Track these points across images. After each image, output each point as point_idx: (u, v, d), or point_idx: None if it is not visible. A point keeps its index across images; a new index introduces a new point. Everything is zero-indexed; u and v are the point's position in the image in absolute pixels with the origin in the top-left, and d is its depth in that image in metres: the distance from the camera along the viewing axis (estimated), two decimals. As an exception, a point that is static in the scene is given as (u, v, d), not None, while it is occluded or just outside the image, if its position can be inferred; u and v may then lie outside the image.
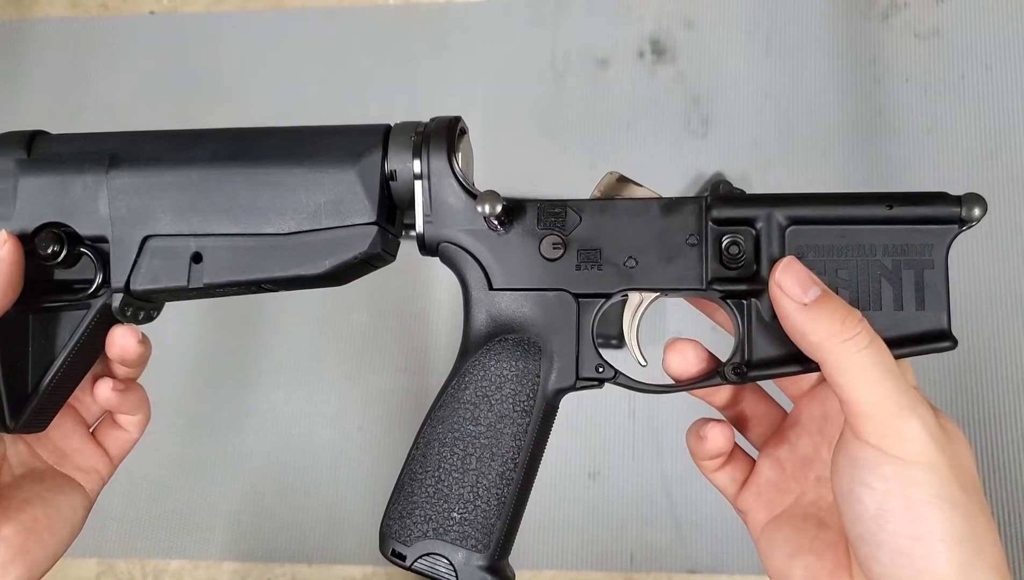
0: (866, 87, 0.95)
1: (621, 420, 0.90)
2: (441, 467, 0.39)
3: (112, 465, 0.44)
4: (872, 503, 0.33)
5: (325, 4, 1.05)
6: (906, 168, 0.93)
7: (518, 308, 0.39)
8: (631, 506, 0.88)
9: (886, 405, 0.32)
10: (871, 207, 0.36)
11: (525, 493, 0.40)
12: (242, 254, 0.39)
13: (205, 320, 0.98)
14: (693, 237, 0.38)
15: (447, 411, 0.39)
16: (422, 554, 0.38)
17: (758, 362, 0.38)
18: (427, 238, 0.40)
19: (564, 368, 0.40)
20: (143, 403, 0.44)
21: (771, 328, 0.37)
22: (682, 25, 0.99)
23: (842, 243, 0.37)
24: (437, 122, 0.40)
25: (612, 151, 0.96)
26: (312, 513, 0.91)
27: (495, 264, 0.39)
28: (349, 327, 0.95)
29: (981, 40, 0.95)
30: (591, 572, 0.87)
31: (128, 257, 0.39)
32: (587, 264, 0.39)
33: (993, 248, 0.90)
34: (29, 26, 1.08)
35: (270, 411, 0.95)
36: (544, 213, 0.39)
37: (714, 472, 0.42)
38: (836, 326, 0.33)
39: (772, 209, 0.37)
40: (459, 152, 0.40)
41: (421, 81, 1.01)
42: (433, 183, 0.39)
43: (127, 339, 0.40)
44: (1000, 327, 0.88)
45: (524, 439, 0.39)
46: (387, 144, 0.39)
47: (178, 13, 1.07)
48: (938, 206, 0.36)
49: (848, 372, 0.33)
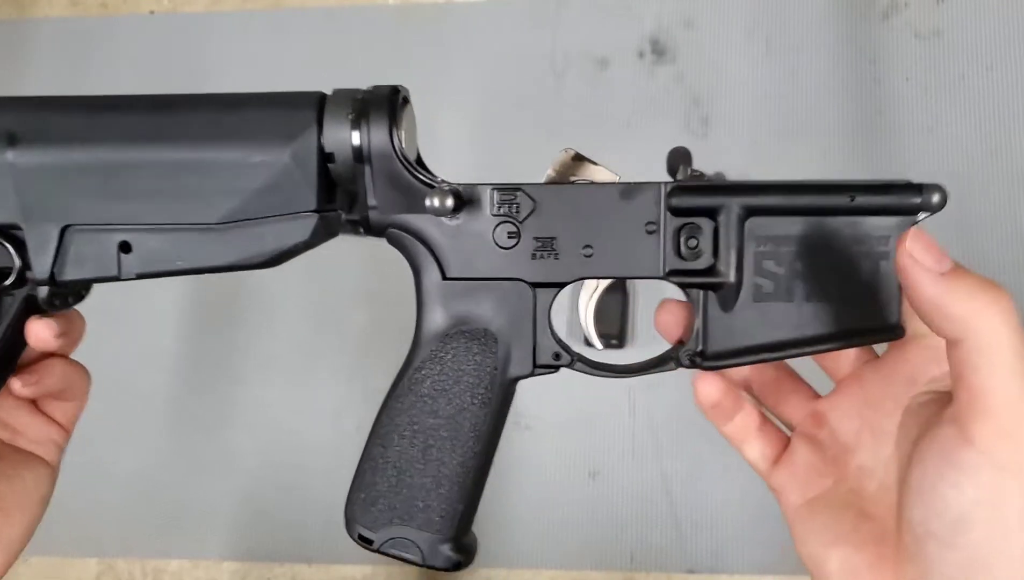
0: (866, 87, 0.95)
1: (621, 420, 0.90)
2: (402, 458, 0.39)
3: (66, 433, 0.44)
4: (957, 506, 0.30)
5: (325, 4, 1.05)
6: (906, 168, 0.92)
7: (473, 298, 0.38)
8: (631, 506, 0.88)
9: (1017, 405, 0.29)
10: (833, 197, 0.36)
11: (484, 474, 0.40)
12: (173, 243, 0.36)
13: (205, 319, 0.98)
14: (651, 225, 0.37)
15: (405, 403, 0.39)
16: (388, 538, 0.39)
17: (712, 354, 0.37)
18: (372, 222, 0.38)
19: (521, 357, 0.39)
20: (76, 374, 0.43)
21: (726, 321, 0.37)
22: (682, 25, 0.99)
23: (802, 233, 0.36)
24: (376, 94, 0.37)
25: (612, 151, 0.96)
26: (312, 513, 0.91)
27: (448, 253, 0.38)
28: (348, 326, 0.95)
29: (981, 40, 0.95)
30: (591, 572, 0.87)
31: (48, 247, 0.36)
32: (543, 252, 0.38)
33: (993, 247, 0.90)
34: (29, 26, 1.08)
35: (269, 411, 0.94)
36: (497, 199, 0.37)
37: (743, 445, 0.41)
38: (985, 295, 0.29)
39: (731, 198, 0.36)
40: (402, 127, 0.37)
41: (421, 81, 1.01)
42: (376, 166, 0.37)
43: (43, 333, 0.38)
44: (1000, 327, 0.88)
45: (483, 428, 0.39)
46: (322, 121, 0.36)
47: (178, 13, 1.07)
48: (899, 195, 0.36)
49: (991, 352, 0.29)
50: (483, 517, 0.98)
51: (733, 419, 0.40)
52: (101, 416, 0.97)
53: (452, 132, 0.98)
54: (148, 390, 0.96)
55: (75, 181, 0.36)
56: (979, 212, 0.91)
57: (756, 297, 0.37)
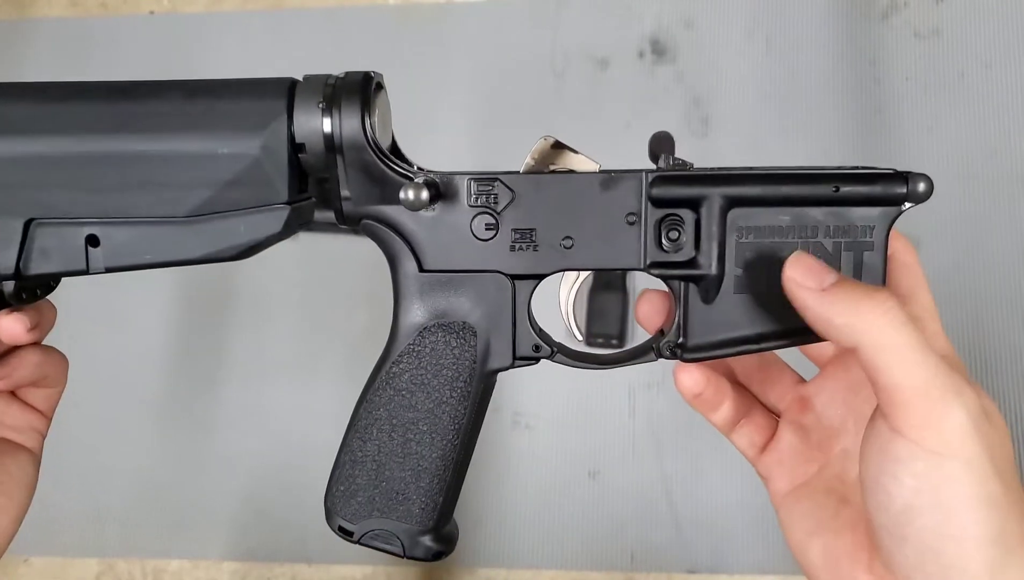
0: (866, 86, 0.95)
1: (621, 419, 0.90)
2: (381, 451, 0.39)
3: (46, 419, 0.43)
4: (900, 497, 0.31)
5: (325, 4, 1.05)
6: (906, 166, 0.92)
7: (451, 291, 0.38)
8: (631, 506, 0.88)
9: (928, 392, 0.30)
10: (817, 187, 0.35)
11: (464, 466, 0.40)
12: (141, 237, 0.35)
13: (205, 320, 0.98)
14: (632, 216, 0.36)
15: (383, 397, 0.39)
16: (369, 530, 0.39)
17: (693, 346, 0.37)
18: (346, 213, 0.37)
19: (501, 349, 0.38)
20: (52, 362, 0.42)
21: (707, 313, 0.37)
22: (682, 25, 0.99)
23: (785, 224, 0.35)
24: (348, 80, 0.36)
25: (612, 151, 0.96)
26: (312, 513, 0.91)
27: (425, 244, 0.37)
28: (349, 326, 0.95)
29: (981, 40, 0.95)
30: (591, 572, 0.87)
31: (12, 242, 0.35)
32: (522, 244, 0.37)
33: (994, 247, 0.89)
34: (29, 26, 1.08)
35: (270, 411, 0.94)
36: (475, 189, 0.37)
37: (732, 433, 0.41)
38: (865, 304, 0.31)
39: (713, 189, 0.35)
40: (375, 114, 0.36)
41: (421, 81, 1.01)
42: (348, 156, 0.35)
43: (14, 328, 0.37)
44: (1000, 326, 0.88)
45: (462, 421, 0.39)
46: (292, 109, 0.35)
47: (178, 13, 1.07)
48: (884, 185, 0.35)
49: (887, 351, 0.30)
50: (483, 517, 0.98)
51: (719, 409, 0.40)
52: (101, 416, 0.98)
53: (452, 132, 0.98)
54: (148, 391, 0.96)
55: (38, 174, 0.35)
56: (979, 212, 0.91)
57: (738, 289, 0.36)
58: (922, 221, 0.90)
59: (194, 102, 0.35)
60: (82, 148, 0.35)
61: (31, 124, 0.35)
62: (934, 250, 0.90)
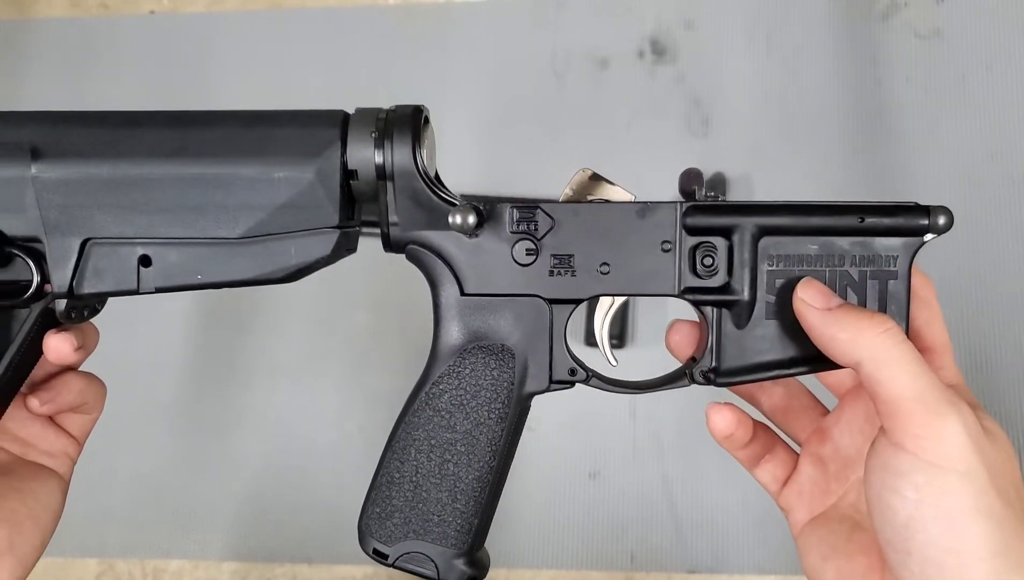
0: (866, 87, 0.95)
1: (621, 421, 0.90)
2: (419, 473, 0.39)
3: (78, 445, 0.44)
4: (903, 511, 0.32)
5: (325, 4, 1.05)
6: (906, 168, 0.93)
7: (491, 314, 0.39)
8: (631, 507, 0.88)
9: (925, 402, 0.31)
10: (843, 218, 0.37)
11: (499, 488, 0.41)
12: (193, 258, 0.36)
13: (206, 321, 0.98)
14: (667, 243, 0.38)
15: (422, 418, 0.39)
16: (403, 553, 0.40)
17: (726, 370, 0.38)
18: (393, 239, 0.38)
19: (537, 373, 0.39)
20: (93, 389, 0.43)
21: (739, 338, 0.38)
22: (682, 25, 0.99)
23: (813, 253, 0.37)
24: (399, 113, 0.37)
25: (612, 151, 0.96)
26: (313, 514, 0.91)
27: (467, 269, 0.38)
28: (351, 328, 0.95)
29: (981, 40, 0.95)
30: (591, 572, 0.87)
31: (68, 260, 0.36)
32: (560, 269, 0.38)
33: (994, 248, 0.90)
34: (29, 26, 1.08)
35: (271, 412, 0.94)
36: (516, 216, 0.38)
37: (755, 469, 0.42)
38: (865, 321, 0.33)
39: (745, 219, 0.37)
40: (424, 146, 0.37)
41: (421, 81, 1.01)
42: (398, 183, 0.37)
43: (62, 347, 0.38)
44: (1000, 328, 0.88)
45: (499, 443, 0.40)
46: (346, 139, 0.36)
47: (178, 13, 1.07)
48: (907, 217, 0.37)
49: (888, 365, 0.32)
50: (483, 517, 0.96)
51: (746, 447, 0.41)
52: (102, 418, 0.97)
53: (452, 132, 0.98)
54: (149, 392, 0.96)
55: (97, 195, 0.36)
56: (979, 213, 0.91)
57: (769, 314, 0.38)
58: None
59: (251, 129, 0.37)
60: (143, 171, 0.36)
61: (93, 148, 0.36)
62: (934, 252, 0.89)
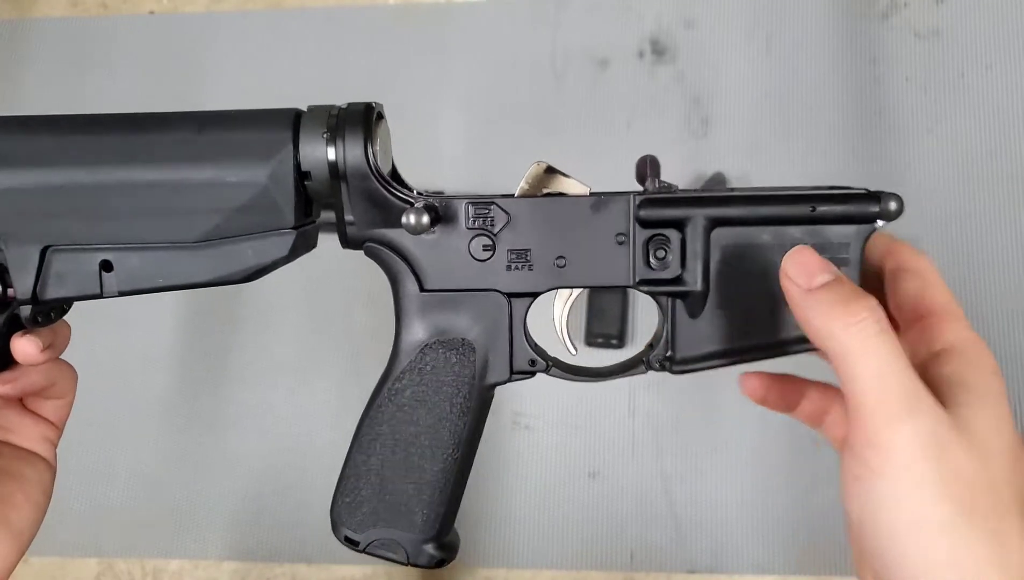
0: (866, 87, 0.95)
1: (621, 419, 0.90)
2: (384, 466, 0.40)
3: (57, 429, 0.44)
4: (854, 515, 0.31)
5: (325, 4, 1.05)
6: (906, 168, 0.93)
7: (451, 309, 0.39)
8: (631, 506, 0.88)
9: (881, 408, 0.29)
10: (795, 207, 0.37)
11: (464, 477, 0.41)
12: (153, 262, 0.37)
13: (206, 320, 0.98)
14: (621, 236, 0.38)
15: (386, 413, 0.40)
16: (374, 539, 0.41)
17: (681, 359, 0.39)
18: (350, 237, 0.39)
19: (498, 364, 0.40)
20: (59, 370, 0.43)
21: (693, 327, 0.38)
22: (682, 25, 0.99)
23: (766, 242, 0.37)
24: (350, 111, 0.37)
25: (612, 151, 0.96)
26: (312, 513, 0.91)
27: (425, 265, 0.39)
28: (349, 327, 0.95)
29: (981, 40, 0.95)
30: (591, 572, 0.87)
31: (29, 268, 0.37)
32: (517, 264, 0.39)
33: (993, 248, 0.90)
34: (29, 26, 1.08)
35: (270, 411, 0.94)
36: (472, 212, 0.39)
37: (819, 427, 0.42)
38: (838, 310, 0.31)
39: (697, 210, 0.37)
40: (377, 143, 0.37)
41: (421, 81, 1.01)
42: (352, 183, 0.37)
43: (28, 349, 0.38)
44: (1000, 327, 0.88)
45: (462, 435, 0.40)
46: (298, 140, 0.36)
47: (178, 13, 1.07)
48: (858, 204, 0.37)
49: (854, 361, 0.30)
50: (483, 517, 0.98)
51: (796, 408, 0.41)
52: (100, 416, 0.98)
53: (452, 132, 0.98)
54: (148, 391, 0.96)
55: (52, 203, 0.36)
56: (979, 212, 0.91)
57: (722, 304, 0.38)
58: (922, 221, 0.90)
59: (204, 133, 0.36)
60: (96, 178, 0.36)
61: (47, 156, 0.36)
62: (933, 250, 0.90)
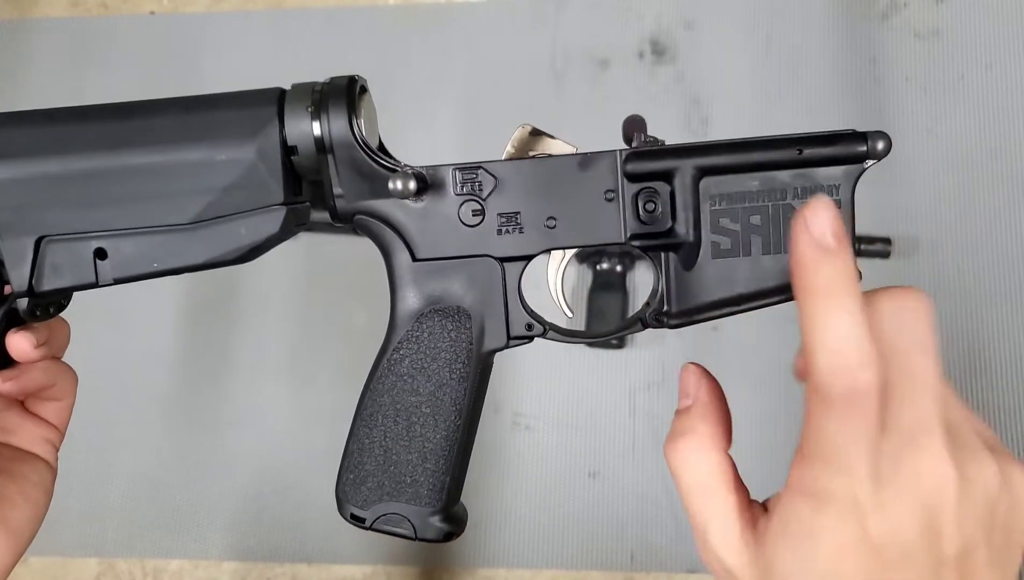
0: (866, 87, 0.95)
1: (621, 419, 0.90)
2: (387, 437, 0.40)
3: (58, 432, 0.44)
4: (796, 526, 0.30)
5: (325, 4, 1.05)
6: (906, 167, 0.93)
7: (444, 277, 0.39)
8: (631, 505, 0.88)
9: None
10: (782, 151, 0.37)
11: (468, 446, 0.41)
12: (147, 247, 0.37)
13: (204, 320, 0.98)
14: (610, 192, 0.38)
15: (386, 384, 0.40)
16: (380, 515, 0.40)
17: (677, 312, 0.38)
18: (339, 211, 0.39)
19: (495, 330, 0.40)
20: (59, 370, 0.43)
21: (687, 279, 0.38)
22: (682, 25, 0.99)
23: (755, 189, 0.37)
24: (334, 85, 0.38)
25: (612, 151, 0.96)
26: (312, 513, 0.91)
27: (416, 235, 0.39)
28: (349, 326, 0.95)
29: (981, 40, 0.95)
30: (591, 572, 0.87)
31: (24, 260, 0.37)
32: (508, 227, 0.39)
33: (993, 248, 0.90)
34: (29, 26, 1.08)
35: (270, 410, 0.95)
36: (460, 178, 0.39)
37: None
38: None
39: (684, 161, 0.37)
40: (361, 116, 0.38)
41: (421, 81, 1.01)
42: (338, 155, 0.37)
43: (21, 345, 0.38)
44: (1000, 326, 0.88)
45: (463, 402, 0.40)
46: (283, 115, 0.37)
47: (178, 13, 1.07)
48: (846, 145, 0.37)
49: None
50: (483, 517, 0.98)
51: None
52: (101, 417, 0.98)
53: (452, 132, 0.98)
54: (148, 390, 0.96)
55: (45, 192, 0.36)
56: (979, 212, 0.91)
57: (715, 254, 0.38)
58: (922, 221, 0.90)
59: (191, 115, 0.37)
60: (88, 165, 0.36)
61: (38, 147, 0.36)
62: (934, 251, 0.90)
